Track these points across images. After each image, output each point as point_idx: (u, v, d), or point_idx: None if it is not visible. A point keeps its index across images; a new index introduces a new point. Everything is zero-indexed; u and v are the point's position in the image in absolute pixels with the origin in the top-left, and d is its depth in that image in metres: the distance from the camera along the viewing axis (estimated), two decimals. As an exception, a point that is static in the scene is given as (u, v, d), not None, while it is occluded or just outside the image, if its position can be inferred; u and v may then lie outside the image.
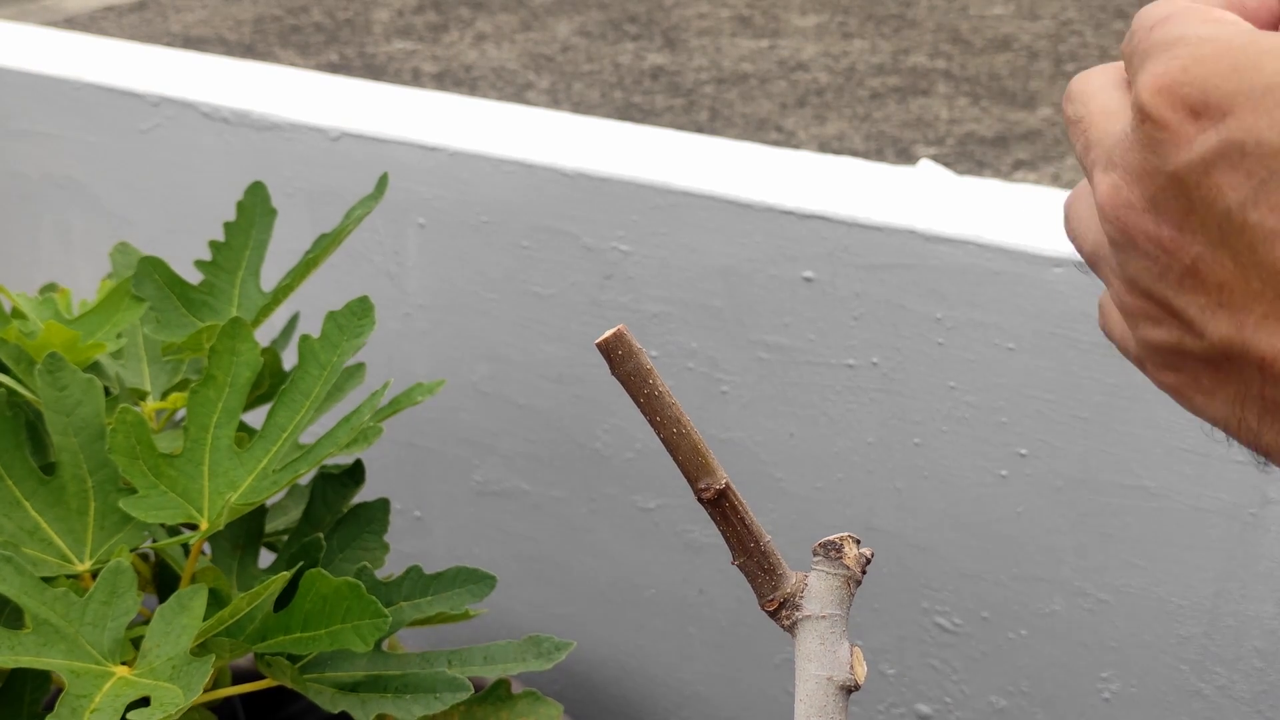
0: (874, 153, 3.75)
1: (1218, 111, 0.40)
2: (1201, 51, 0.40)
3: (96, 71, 1.41)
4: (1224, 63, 0.40)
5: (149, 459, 0.83)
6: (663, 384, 0.47)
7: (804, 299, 1.10)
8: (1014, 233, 1.02)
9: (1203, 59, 0.40)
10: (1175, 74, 0.41)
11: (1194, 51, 0.41)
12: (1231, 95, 0.39)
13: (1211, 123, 0.40)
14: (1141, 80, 0.42)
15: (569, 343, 1.22)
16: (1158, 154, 0.41)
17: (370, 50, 4.67)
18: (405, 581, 0.86)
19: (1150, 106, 0.41)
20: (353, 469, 0.95)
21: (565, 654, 0.83)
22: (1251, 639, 1.03)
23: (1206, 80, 0.40)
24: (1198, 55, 0.40)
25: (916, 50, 4.55)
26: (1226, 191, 0.39)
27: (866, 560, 0.49)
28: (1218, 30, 0.41)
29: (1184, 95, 0.40)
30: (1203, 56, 0.40)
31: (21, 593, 0.76)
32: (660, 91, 4.25)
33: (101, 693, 0.74)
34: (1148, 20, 0.44)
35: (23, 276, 1.51)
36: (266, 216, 1.00)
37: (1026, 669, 1.12)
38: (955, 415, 1.08)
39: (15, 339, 0.92)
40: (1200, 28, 0.41)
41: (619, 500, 1.25)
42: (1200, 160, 0.40)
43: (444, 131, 1.24)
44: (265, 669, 0.82)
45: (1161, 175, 0.41)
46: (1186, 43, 0.41)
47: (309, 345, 0.87)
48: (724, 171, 1.14)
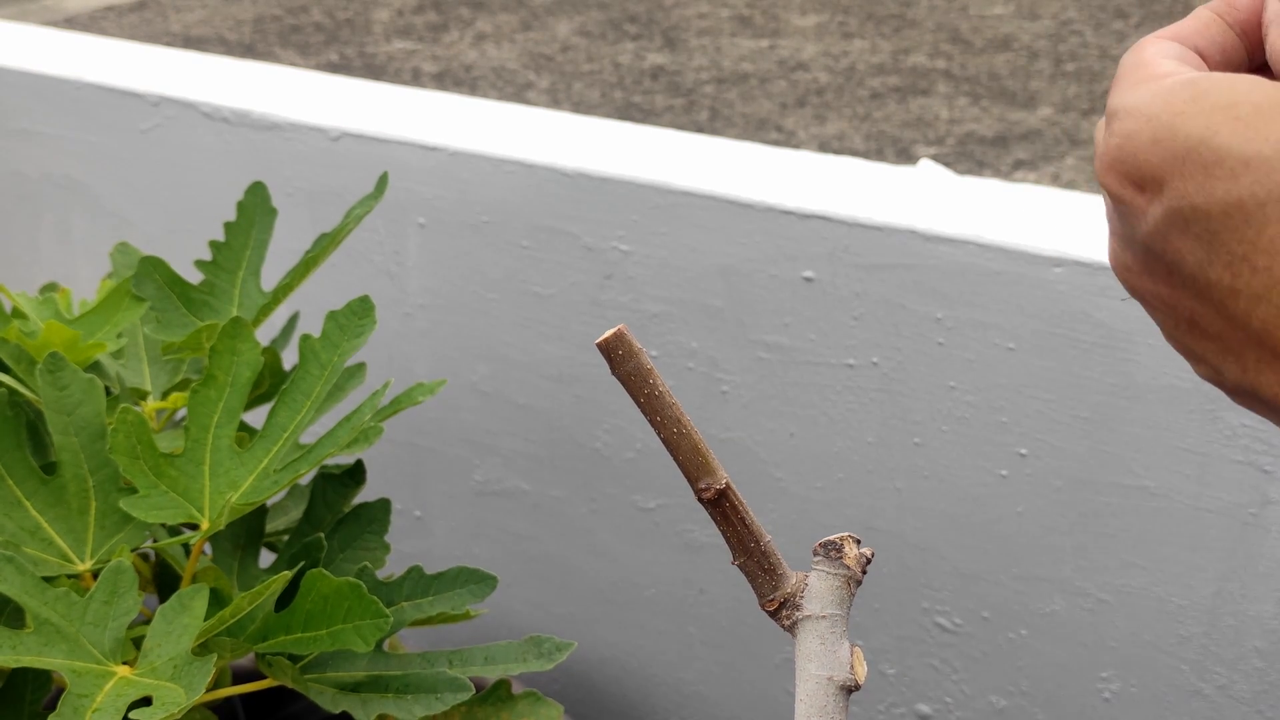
0: (874, 153, 3.75)
1: (1155, 184, 0.41)
2: (1128, 127, 0.42)
3: (96, 71, 1.41)
4: (1146, 136, 0.41)
5: (150, 459, 0.83)
6: (663, 384, 0.47)
7: (804, 299, 1.10)
8: (1014, 233, 1.02)
9: (1131, 135, 0.42)
10: (1114, 152, 0.42)
11: (1123, 127, 0.42)
12: (1159, 167, 0.41)
13: (1155, 194, 0.41)
14: (1096, 160, 0.43)
15: (569, 343, 1.22)
16: (1128, 224, 0.43)
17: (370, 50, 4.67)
18: (406, 581, 0.86)
19: (1106, 184, 0.43)
20: (353, 469, 0.95)
21: (566, 654, 0.83)
22: (1251, 639, 1.04)
23: (1137, 156, 0.41)
24: (1127, 131, 0.42)
25: (916, 50, 4.55)
26: (1186, 255, 0.41)
27: (867, 560, 0.49)
28: (1141, 99, 0.42)
29: (1125, 172, 0.42)
30: (1130, 132, 0.42)
31: (23, 592, 0.76)
32: (660, 91, 4.25)
33: (103, 692, 0.74)
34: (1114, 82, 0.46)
35: (23, 276, 1.51)
36: (267, 216, 1.00)
37: (1026, 669, 1.12)
38: (955, 415, 1.08)
39: (16, 339, 0.92)
40: (1128, 96, 0.42)
41: (619, 500, 1.25)
42: (1156, 230, 0.41)
43: (444, 131, 1.24)
44: (266, 669, 0.82)
45: (1137, 243, 0.43)
46: (1118, 116, 0.42)
47: (310, 345, 0.87)
48: (724, 171, 1.14)
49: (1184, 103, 0.40)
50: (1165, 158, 0.40)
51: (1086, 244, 1.00)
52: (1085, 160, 3.64)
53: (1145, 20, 4.77)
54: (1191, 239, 0.40)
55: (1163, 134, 0.40)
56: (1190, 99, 0.40)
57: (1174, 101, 0.41)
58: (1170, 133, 0.40)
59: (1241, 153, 0.39)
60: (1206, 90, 0.40)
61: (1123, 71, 0.45)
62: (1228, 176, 0.39)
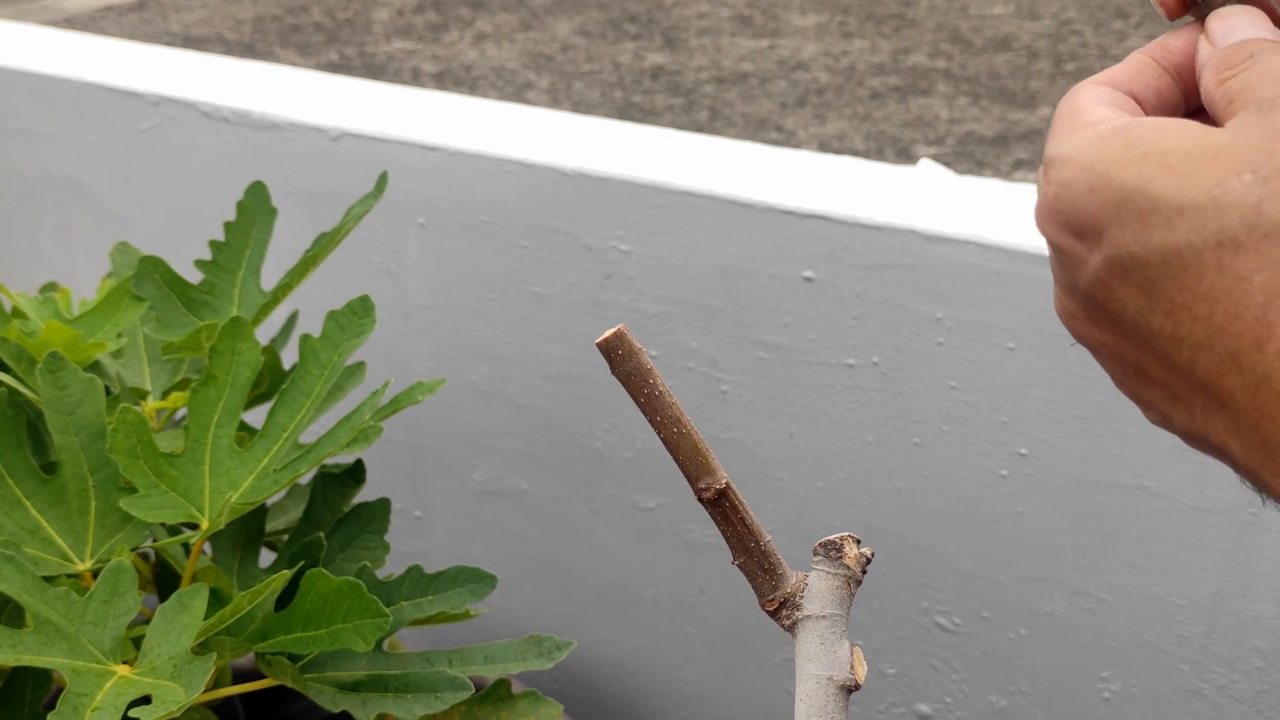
0: (874, 153, 3.75)
1: (1093, 232, 0.41)
2: (1064, 175, 0.42)
3: (96, 71, 1.41)
4: (1081, 185, 0.41)
5: (150, 458, 0.83)
6: (663, 384, 0.47)
7: (804, 299, 1.10)
8: (1014, 233, 1.02)
9: (1067, 183, 0.41)
10: (1051, 201, 0.42)
11: (1059, 175, 0.42)
12: (1095, 216, 0.41)
13: (1094, 243, 0.41)
14: (1035, 208, 0.43)
15: (569, 343, 1.22)
16: (1070, 273, 0.43)
17: (370, 50, 4.67)
18: (406, 581, 0.86)
19: (1046, 233, 0.43)
20: (353, 468, 0.95)
21: (566, 653, 0.83)
22: (1251, 639, 1.04)
23: (1074, 205, 0.41)
24: (1063, 180, 0.42)
25: (916, 50, 4.55)
26: (1127, 303, 0.41)
27: (866, 560, 0.49)
28: (1075, 147, 0.42)
29: (1064, 221, 0.42)
30: (1066, 181, 0.41)
31: (23, 592, 0.76)
32: (660, 91, 4.25)
33: (103, 691, 0.74)
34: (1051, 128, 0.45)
35: (23, 276, 1.51)
36: (266, 216, 1.00)
37: (1026, 669, 1.12)
38: (955, 415, 1.08)
39: (16, 338, 0.92)
40: (1063, 144, 0.42)
41: (619, 500, 1.25)
42: (1097, 279, 0.41)
43: (444, 131, 1.24)
44: (266, 668, 0.82)
45: (1080, 291, 0.42)
46: (1054, 165, 0.42)
47: (310, 344, 0.87)
48: (724, 171, 1.14)
49: (1117, 150, 0.40)
50: (1101, 206, 0.40)
51: (1086, 244, 1.00)
52: (1085, 160, 3.63)
53: (1145, 20, 4.77)
54: (1132, 287, 0.40)
55: (1098, 182, 0.40)
56: (1122, 146, 0.40)
57: (1107, 149, 0.41)
58: (1105, 181, 0.40)
59: (1175, 200, 0.39)
60: (1138, 137, 0.40)
61: (1058, 118, 0.44)
62: (1163, 225, 0.39)
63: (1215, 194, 0.38)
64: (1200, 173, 0.39)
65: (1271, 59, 0.41)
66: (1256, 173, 0.38)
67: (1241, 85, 0.41)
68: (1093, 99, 0.44)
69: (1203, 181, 0.38)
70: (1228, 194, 0.38)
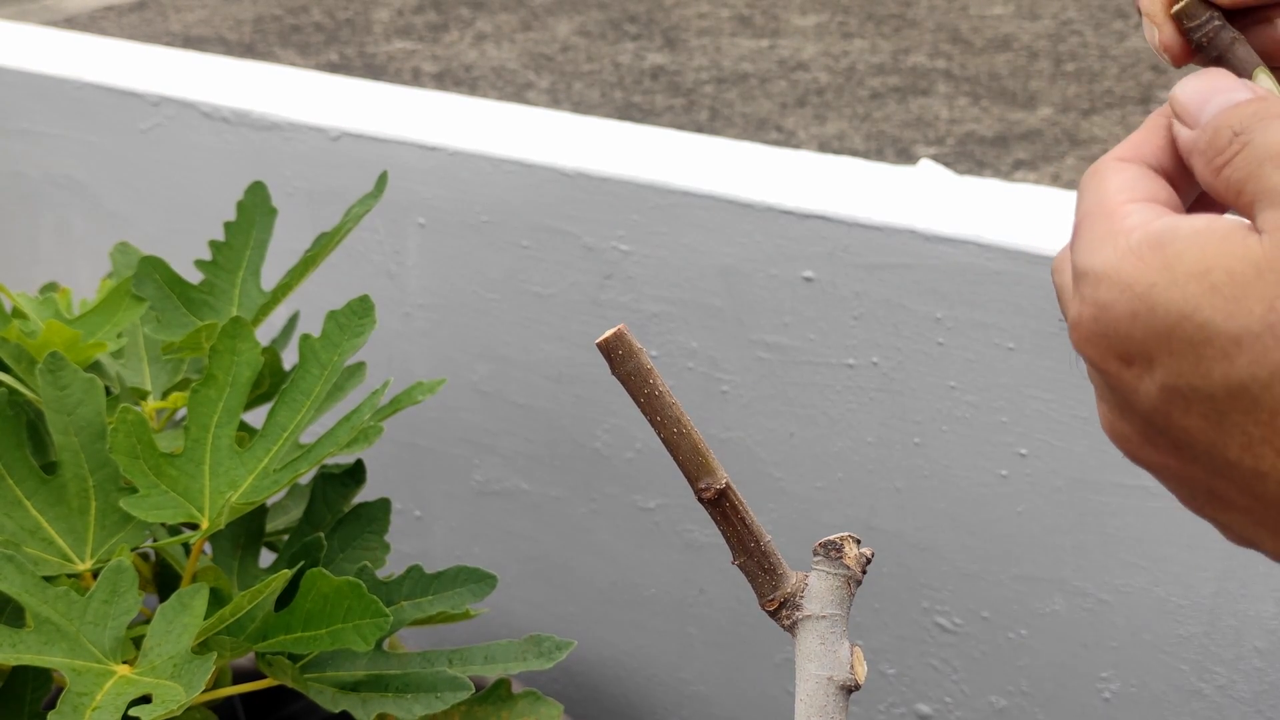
0: (874, 153, 3.75)
1: (1143, 359, 0.38)
2: (1102, 296, 0.39)
3: (96, 71, 1.41)
4: (1123, 309, 0.39)
5: (150, 458, 0.83)
6: (663, 384, 0.47)
7: (804, 299, 1.10)
8: (1014, 233, 1.02)
9: (1106, 306, 0.39)
10: (1089, 325, 0.40)
11: (1097, 296, 0.39)
12: (1143, 344, 0.38)
13: (1144, 370, 0.39)
14: (1070, 326, 0.41)
15: (569, 343, 1.22)
16: (1122, 397, 0.40)
17: (370, 50, 4.67)
18: (406, 581, 0.86)
19: (1087, 356, 0.40)
20: (353, 468, 0.95)
21: (566, 653, 0.83)
22: (1251, 639, 1.04)
23: (1116, 330, 0.39)
24: (1101, 301, 0.39)
25: (916, 50, 4.55)
26: (1195, 434, 0.38)
27: (867, 560, 0.49)
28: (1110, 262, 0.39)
29: (1107, 346, 0.39)
30: (1105, 303, 0.39)
31: (23, 591, 0.76)
32: (660, 91, 4.25)
33: (103, 691, 0.74)
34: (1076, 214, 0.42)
35: (23, 276, 1.51)
36: (267, 216, 1.00)
37: (1026, 669, 1.12)
38: (955, 415, 1.08)
39: (16, 338, 0.92)
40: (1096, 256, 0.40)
41: (619, 500, 1.25)
42: (1155, 408, 0.39)
43: (444, 131, 1.24)
44: (266, 668, 0.82)
45: (1136, 416, 0.40)
46: (1088, 280, 0.40)
47: (310, 344, 0.87)
48: (724, 171, 1.14)
49: (1156, 270, 0.38)
50: (1148, 334, 0.38)
51: (1086, 244, 1.00)
52: (1085, 160, 3.63)
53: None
54: (1197, 417, 0.38)
55: (1140, 308, 0.38)
56: (1162, 265, 0.38)
57: (1146, 269, 0.38)
58: (1148, 307, 0.38)
59: (1228, 331, 0.36)
60: (1178, 254, 0.38)
61: (1086, 213, 0.42)
62: (1221, 357, 0.37)
63: (1270, 320, 0.36)
64: (1248, 295, 0.36)
65: (1262, 135, 0.39)
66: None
67: (1243, 175, 0.39)
68: (1121, 191, 0.42)
69: (1253, 306, 0.36)
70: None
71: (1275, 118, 0.39)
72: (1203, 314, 0.37)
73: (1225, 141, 0.39)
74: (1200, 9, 0.44)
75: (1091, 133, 3.79)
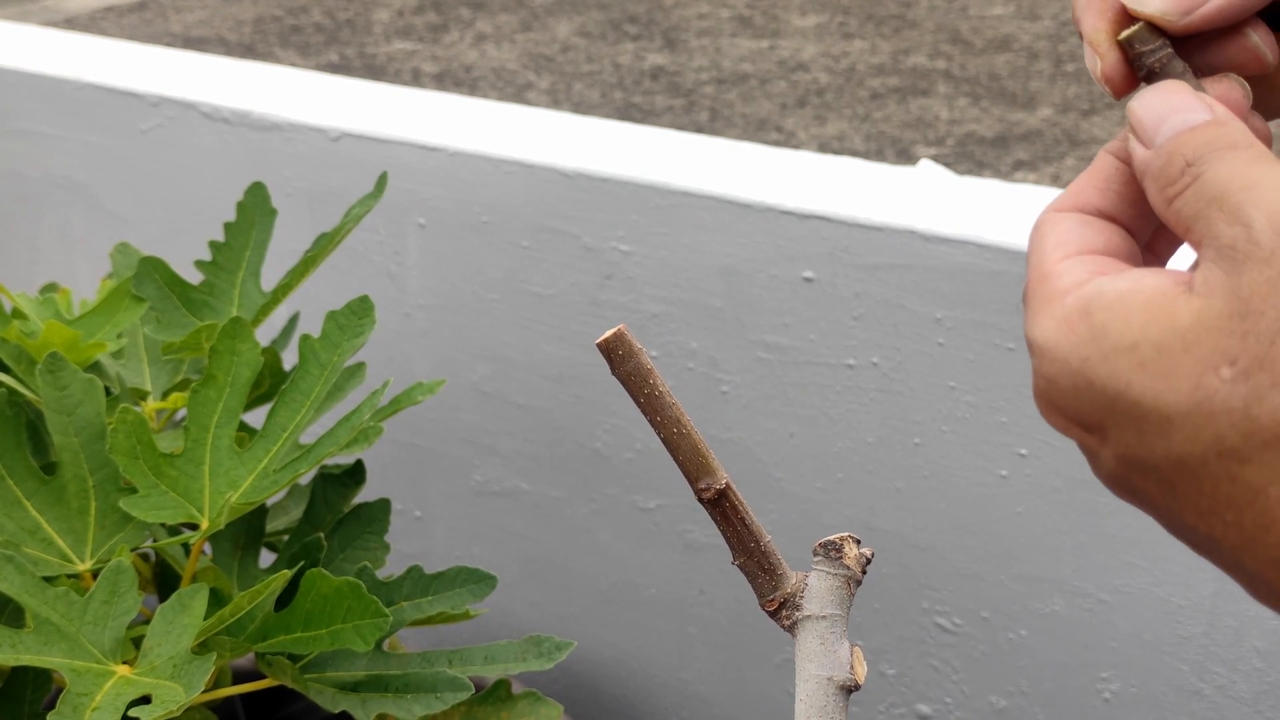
0: (874, 153, 3.75)
1: (1096, 428, 0.39)
2: (1046, 369, 0.40)
3: (96, 71, 1.41)
4: (1065, 383, 0.39)
5: (150, 459, 0.83)
6: (663, 384, 0.47)
7: (804, 299, 1.10)
8: (1014, 233, 1.02)
9: (1052, 380, 0.39)
10: (1043, 398, 0.40)
11: (1042, 369, 0.40)
12: (1090, 415, 0.39)
13: (1100, 437, 0.39)
14: (1033, 392, 0.41)
15: (569, 343, 1.22)
16: (1088, 456, 0.41)
17: (370, 50, 4.67)
18: (406, 581, 0.86)
19: (1051, 423, 0.41)
20: (353, 469, 0.95)
21: (566, 654, 0.83)
22: (1251, 639, 1.04)
23: (1065, 401, 0.39)
24: (1047, 375, 0.40)
25: (916, 50, 4.55)
26: (1154, 498, 0.39)
27: (866, 560, 0.49)
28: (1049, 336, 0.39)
29: (1063, 414, 0.40)
30: (1051, 376, 0.39)
31: (23, 592, 0.76)
32: (660, 91, 4.25)
33: (102, 691, 0.74)
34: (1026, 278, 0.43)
35: (23, 276, 1.51)
36: (267, 216, 1.00)
37: (1026, 669, 1.12)
38: (955, 415, 1.08)
39: (16, 339, 0.92)
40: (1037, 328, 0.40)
41: (619, 500, 1.25)
42: (1117, 472, 0.39)
43: (444, 131, 1.24)
44: (266, 668, 0.82)
45: (1108, 477, 0.40)
46: (1034, 352, 0.40)
47: (309, 345, 0.87)
48: (724, 171, 1.14)
49: (1086, 344, 0.38)
50: (1093, 408, 0.38)
51: (1086, 244, 1.00)
52: (1085, 161, 3.63)
53: (1145, 21, 4.76)
54: (1152, 484, 0.38)
55: (1080, 383, 0.38)
56: (1090, 338, 0.38)
57: (1077, 342, 0.38)
58: (1086, 382, 0.38)
59: (1158, 408, 0.36)
60: (1103, 327, 0.38)
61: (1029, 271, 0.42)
62: (1158, 434, 0.37)
63: (1197, 398, 0.36)
64: (1174, 372, 0.36)
65: (1213, 171, 0.38)
66: (1234, 365, 0.35)
67: (1191, 213, 0.38)
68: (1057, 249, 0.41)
69: (1180, 383, 0.36)
70: (1210, 398, 0.36)
71: (1229, 149, 0.38)
72: (1133, 392, 0.37)
73: (1177, 171, 0.38)
74: (1152, 36, 0.42)
75: (1091, 133, 3.79)
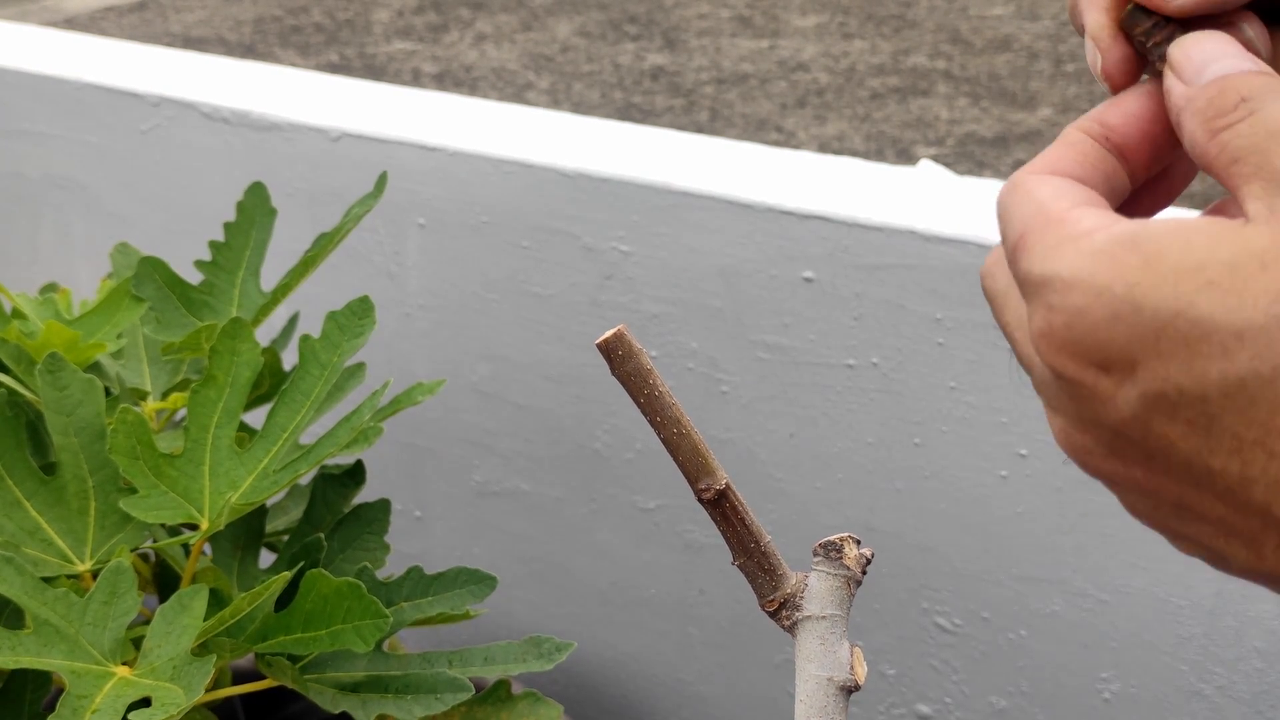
0: (874, 153, 3.75)
1: (1124, 364, 0.36)
2: (1072, 301, 0.36)
3: (96, 71, 1.41)
4: (1100, 312, 0.36)
5: (149, 459, 0.83)
6: (663, 384, 0.47)
7: (804, 299, 1.10)
8: (1014, 233, 1.02)
9: (1081, 311, 0.36)
10: (1061, 333, 0.37)
11: (1066, 301, 0.36)
12: (1125, 348, 0.35)
13: (1124, 376, 0.36)
14: (1035, 337, 0.38)
15: (569, 343, 1.22)
16: (1090, 409, 0.37)
17: (370, 50, 4.67)
18: (406, 582, 0.86)
19: (1057, 366, 0.37)
20: (353, 469, 0.95)
21: (566, 654, 0.83)
22: (1251, 639, 1.04)
23: (1094, 335, 0.36)
24: (1073, 307, 0.36)
25: (916, 50, 4.55)
26: (1177, 442, 0.36)
27: (867, 560, 0.49)
28: (1077, 266, 0.36)
29: (1082, 353, 0.36)
30: (1079, 308, 0.36)
31: (22, 593, 0.76)
32: (660, 91, 4.25)
33: (102, 693, 0.74)
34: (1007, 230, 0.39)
35: (23, 276, 1.51)
36: (266, 217, 1.00)
37: (1026, 669, 1.12)
38: (955, 415, 1.08)
39: (16, 339, 0.92)
40: (1054, 262, 0.37)
41: (619, 500, 1.25)
42: (1133, 416, 0.36)
43: (444, 131, 1.24)
44: (266, 669, 0.82)
45: (1104, 428, 0.37)
46: (1052, 288, 0.37)
47: (309, 345, 0.87)
48: (724, 171, 1.14)
49: (1135, 269, 0.35)
50: (1131, 337, 0.35)
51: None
52: (1085, 160, 3.63)
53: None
54: (1182, 424, 0.35)
55: (1123, 309, 0.35)
56: (1142, 264, 0.35)
57: (1122, 268, 0.35)
58: (1132, 307, 0.35)
59: (1230, 324, 0.34)
60: (1160, 251, 0.35)
61: (1024, 220, 0.38)
62: (1219, 354, 0.34)
63: (1275, 311, 0.33)
64: (1251, 288, 0.34)
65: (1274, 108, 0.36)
66: None
67: (1246, 146, 0.36)
68: (1059, 198, 0.39)
69: (1257, 299, 0.33)
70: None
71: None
72: (1198, 309, 0.34)
73: (1230, 104, 0.36)
74: (1149, 18, 0.40)
75: (1091, 133, 3.79)
